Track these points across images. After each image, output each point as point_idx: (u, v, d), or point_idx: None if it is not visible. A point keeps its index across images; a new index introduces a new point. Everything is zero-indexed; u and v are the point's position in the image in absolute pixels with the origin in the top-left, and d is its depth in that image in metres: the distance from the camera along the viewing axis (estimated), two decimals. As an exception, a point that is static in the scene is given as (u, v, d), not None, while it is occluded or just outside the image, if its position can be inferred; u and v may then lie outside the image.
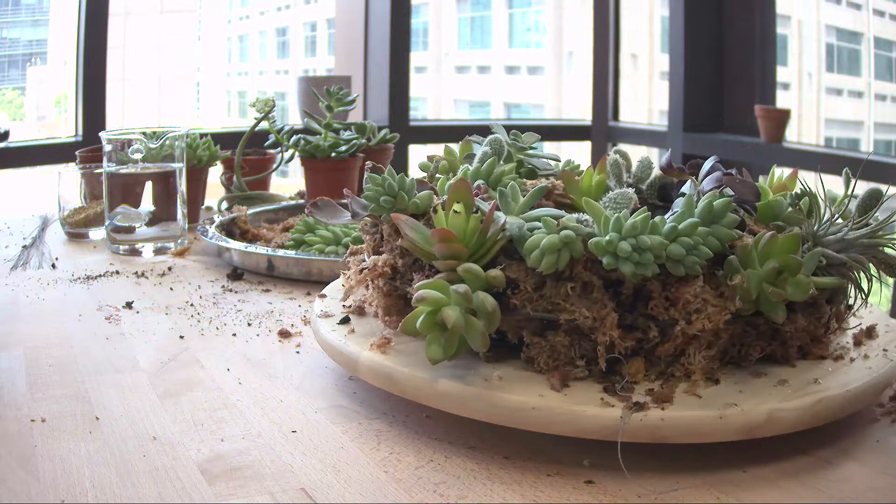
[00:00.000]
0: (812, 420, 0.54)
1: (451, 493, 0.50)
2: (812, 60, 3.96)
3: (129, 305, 0.87)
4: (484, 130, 0.82)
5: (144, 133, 1.10)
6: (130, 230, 1.10)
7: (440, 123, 3.91)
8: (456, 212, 0.60)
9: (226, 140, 1.45)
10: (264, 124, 1.30)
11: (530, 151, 0.80)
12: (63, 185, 1.19)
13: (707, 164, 0.69)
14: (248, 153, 1.37)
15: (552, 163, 0.81)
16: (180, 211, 1.12)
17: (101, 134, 1.10)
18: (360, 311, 0.70)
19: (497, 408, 0.54)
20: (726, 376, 0.58)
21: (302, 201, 1.32)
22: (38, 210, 1.36)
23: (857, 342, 0.65)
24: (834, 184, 0.70)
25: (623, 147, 3.82)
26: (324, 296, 0.75)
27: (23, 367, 0.70)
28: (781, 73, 3.30)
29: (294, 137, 1.32)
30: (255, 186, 1.35)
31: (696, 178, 0.68)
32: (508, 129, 0.81)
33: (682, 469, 0.53)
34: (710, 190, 0.62)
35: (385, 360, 0.60)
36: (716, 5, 3.30)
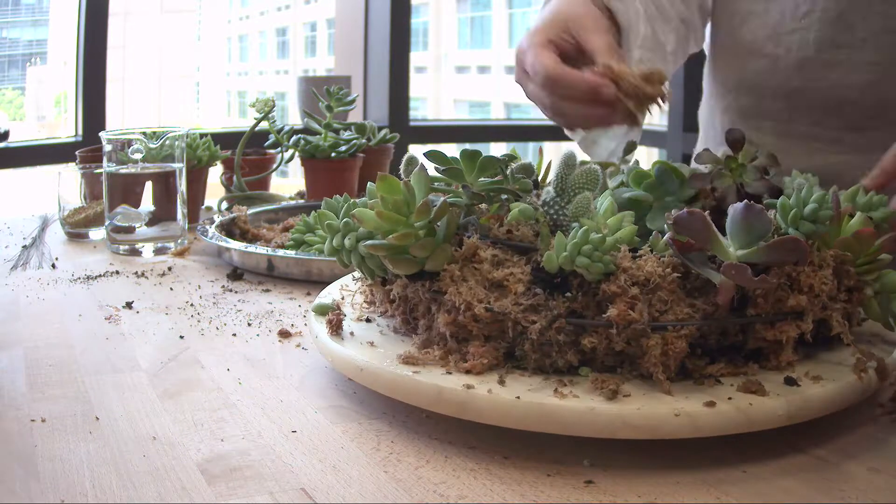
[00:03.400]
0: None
1: (451, 493, 0.50)
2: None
3: (129, 305, 0.87)
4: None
5: (144, 133, 1.10)
6: (130, 230, 1.10)
7: (440, 123, 3.90)
8: None
9: (226, 140, 1.45)
10: (264, 124, 1.30)
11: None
12: (63, 185, 1.19)
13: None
14: (248, 153, 1.37)
15: None
16: (180, 211, 1.12)
17: (101, 134, 1.10)
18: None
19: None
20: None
21: (302, 201, 1.32)
22: (38, 210, 1.36)
23: None
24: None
25: (623, 147, 3.79)
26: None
27: (23, 367, 0.70)
28: (781, 73, 3.30)
29: (294, 137, 1.32)
30: (255, 186, 1.35)
31: None
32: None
33: (682, 469, 0.53)
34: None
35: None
36: (716, 5, 3.30)
